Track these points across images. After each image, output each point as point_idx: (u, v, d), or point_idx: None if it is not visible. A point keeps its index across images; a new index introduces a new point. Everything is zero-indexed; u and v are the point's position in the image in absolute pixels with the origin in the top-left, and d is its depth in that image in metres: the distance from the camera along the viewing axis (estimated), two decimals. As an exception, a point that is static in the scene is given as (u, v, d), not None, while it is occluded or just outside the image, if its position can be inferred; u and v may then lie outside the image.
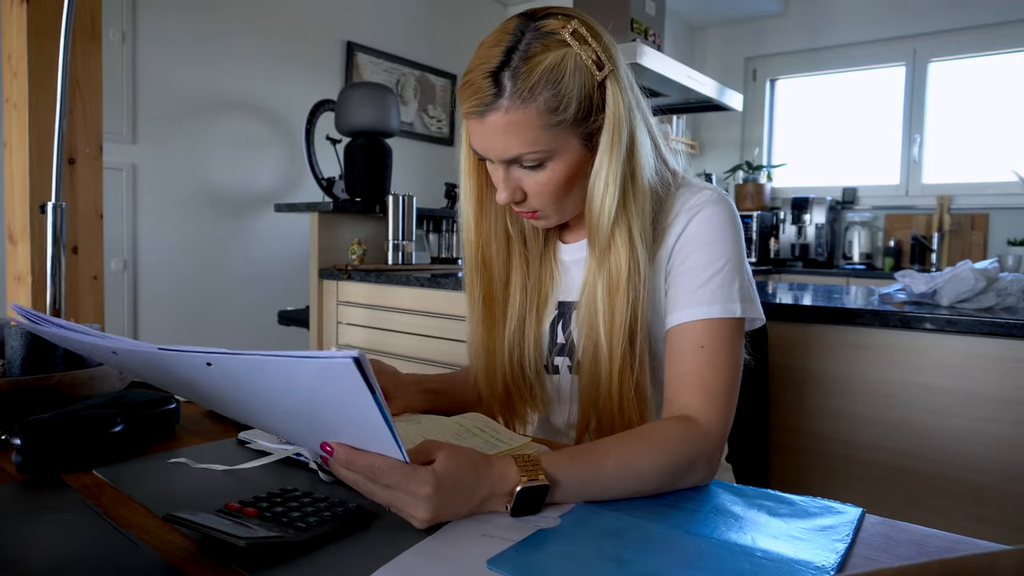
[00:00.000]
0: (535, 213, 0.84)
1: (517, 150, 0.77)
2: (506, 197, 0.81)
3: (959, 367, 1.27)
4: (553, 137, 0.77)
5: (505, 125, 0.76)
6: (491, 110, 0.76)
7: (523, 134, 0.76)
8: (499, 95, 0.75)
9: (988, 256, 3.65)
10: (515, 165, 0.80)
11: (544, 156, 0.78)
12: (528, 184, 0.81)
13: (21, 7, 1.60)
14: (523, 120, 0.75)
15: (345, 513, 0.56)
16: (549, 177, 0.80)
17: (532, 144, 0.77)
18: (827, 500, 0.64)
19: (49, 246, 1.34)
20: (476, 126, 0.79)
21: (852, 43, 4.08)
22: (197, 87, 2.96)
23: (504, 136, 0.77)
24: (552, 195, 0.81)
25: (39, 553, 0.50)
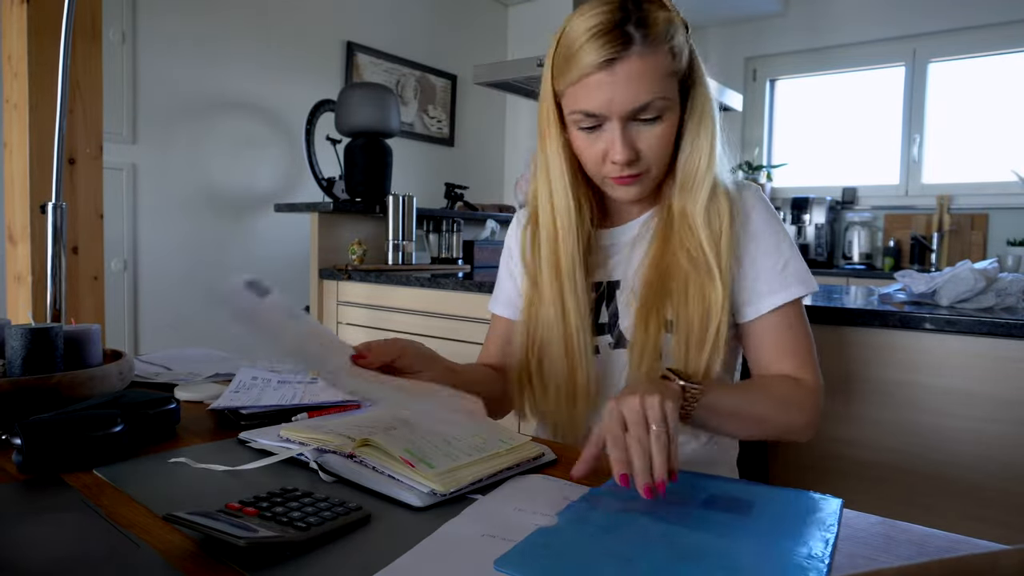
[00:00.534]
0: (637, 176, 0.85)
1: (649, 96, 0.80)
2: (627, 154, 0.82)
3: (959, 367, 1.27)
4: (672, 86, 0.83)
5: (639, 71, 0.79)
6: (624, 58, 0.79)
7: (655, 79, 0.80)
8: (630, 42, 0.78)
9: (988, 256, 3.65)
10: (633, 121, 0.82)
11: (666, 105, 0.82)
12: (645, 141, 0.83)
13: (21, 7, 1.60)
14: (655, 65, 0.80)
15: (345, 513, 0.56)
16: (665, 129, 0.83)
17: (662, 89, 0.81)
18: (806, 491, 0.65)
19: (49, 246, 1.34)
20: (603, 79, 0.80)
21: (852, 43, 4.08)
22: (197, 87, 2.96)
23: (637, 82, 0.79)
24: (666, 149, 0.85)
25: (39, 553, 0.50)
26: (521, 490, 0.65)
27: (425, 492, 0.62)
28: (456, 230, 2.87)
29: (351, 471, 0.67)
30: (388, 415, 0.85)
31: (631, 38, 0.79)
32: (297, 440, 0.74)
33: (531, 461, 0.72)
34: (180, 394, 0.96)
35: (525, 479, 0.69)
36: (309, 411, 0.88)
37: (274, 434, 0.77)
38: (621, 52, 0.78)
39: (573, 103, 0.84)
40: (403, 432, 0.72)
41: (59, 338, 0.88)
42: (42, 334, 0.86)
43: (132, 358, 0.95)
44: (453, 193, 3.48)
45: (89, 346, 0.93)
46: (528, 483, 0.67)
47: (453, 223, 2.87)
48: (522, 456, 0.72)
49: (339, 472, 0.68)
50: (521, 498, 0.63)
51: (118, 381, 0.87)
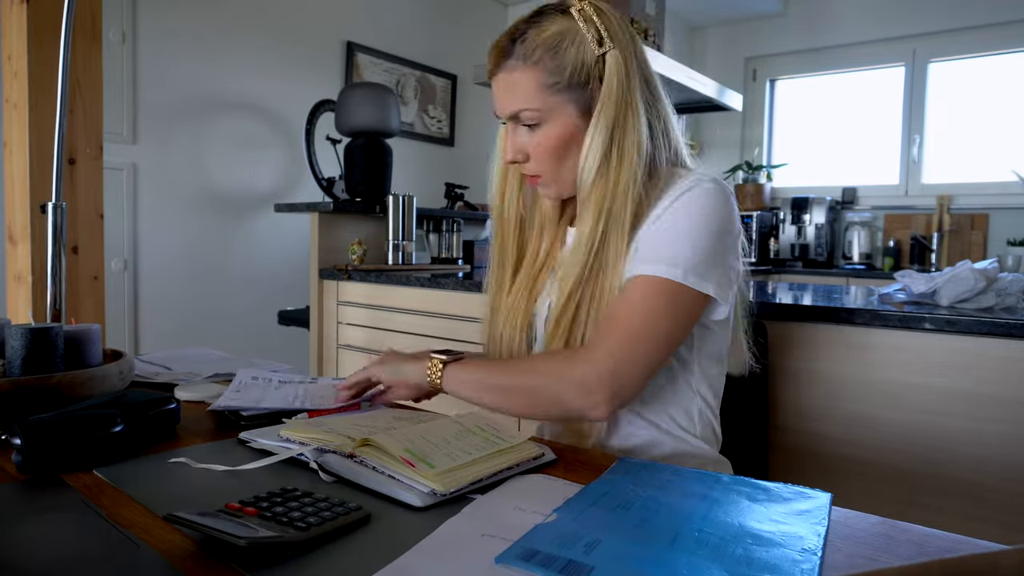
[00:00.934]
0: (536, 178, 0.93)
1: (516, 106, 0.88)
2: (509, 155, 0.92)
3: (959, 367, 1.27)
4: (549, 99, 0.87)
5: (509, 82, 0.88)
6: (500, 69, 0.89)
7: (522, 91, 0.87)
8: (507, 56, 0.88)
9: (988, 256, 3.65)
10: (519, 125, 0.90)
11: (540, 116, 0.88)
12: (529, 145, 0.90)
13: (21, 7, 1.60)
14: (523, 79, 0.87)
15: (345, 513, 0.56)
16: (544, 138, 0.89)
17: (529, 102, 0.87)
18: (797, 486, 0.66)
19: (49, 246, 1.34)
20: (493, 85, 0.91)
21: (852, 43, 4.08)
22: (197, 87, 2.96)
23: (508, 93, 0.88)
24: (547, 157, 0.90)
25: (39, 553, 0.50)
26: (521, 490, 0.65)
27: (425, 492, 0.62)
28: (456, 230, 2.87)
29: (351, 471, 0.67)
30: (388, 415, 0.86)
31: (509, 52, 0.88)
32: (297, 440, 0.74)
33: (531, 461, 0.72)
34: (180, 394, 0.96)
35: (525, 479, 0.69)
36: (309, 412, 0.88)
37: (274, 434, 0.77)
38: (497, 65, 0.89)
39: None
40: (403, 432, 0.72)
41: (59, 338, 0.88)
42: (42, 334, 0.86)
43: (132, 358, 0.95)
44: (453, 193, 3.48)
45: (89, 346, 0.93)
46: (528, 483, 0.67)
47: (453, 223, 2.87)
48: (522, 456, 0.72)
49: (339, 472, 0.68)
50: (521, 498, 0.63)
51: (118, 381, 0.87)
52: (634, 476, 0.69)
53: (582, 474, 0.71)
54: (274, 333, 3.13)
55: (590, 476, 0.70)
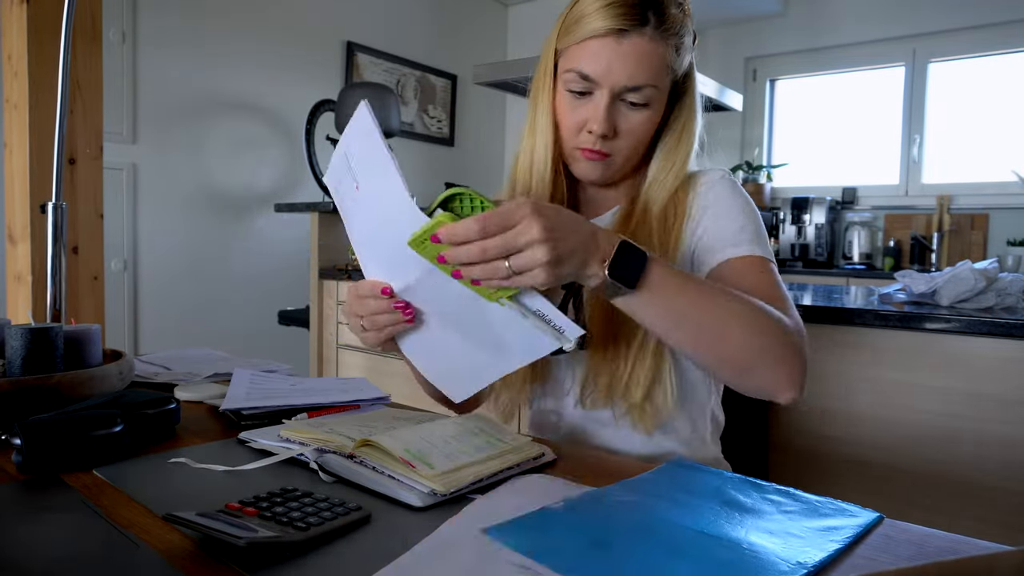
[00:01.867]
0: (606, 156, 0.85)
1: (644, 79, 0.81)
2: (605, 127, 0.82)
3: (959, 367, 1.27)
4: (666, 80, 0.84)
5: (643, 52, 0.80)
6: (635, 33, 0.79)
7: (654, 66, 0.81)
8: (645, 22, 0.79)
9: (988, 256, 3.65)
10: (620, 100, 0.83)
11: (655, 95, 0.83)
12: (625, 123, 0.84)
13: (21, 7, 1.60)
14: (659, 53, 0.81)
15: (345, 513, 0.56)
16: (647, 118, 0.84)
17: (657, 78, 0.82)
18: (846, 503, 0.62)
19: (49, 246, 1.34)
20: (607, 46, 0.80)
21: (852, 43, 4.08)
22: (197, 87, 2.96)
23: (637, 62, 0.80)
24: (639, 138, 0.85)
25: (39, 553, 0.50)
26: (521, 490, 0.65)
27: (425, 492, 0.62)
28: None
29: (351, 471, 0.67)
30: (388, 415, 0.86)
31: (647, 19, 0.79)
32: (297, 440, 0.74)
33: (531, 461, 0.72)
34: (180, 394, 0.96)
35: (525, 479, 0.69)
36: (309, 411, 0.88)
37: (274, 434, 0.77)
38: (634, 27, 0.79)
39: (571, 62, 0.83)
40: (403, 433, 0.73)
41: (59, 338, 0.88)
42: (42, 334, 0.86)
43: (132, 358, 0.95)
44: (453, 193, 3.48)
45: (89, 346, 0.93)
46: (528, 483, 0.67)
47: (453, 223, 2.87)
48: (522, 456, 0.72)
49: (339, 472, 0.68)
50: (521, 498, 0.63)
51: (118, 381, 0.87)
52: (672, 475, 0.69)
53: (582, 474, 0.71)
54: (274, 333, 3.13)
55: (590, 476, 0.70)
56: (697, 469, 0.71)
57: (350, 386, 1.02)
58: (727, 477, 0.69)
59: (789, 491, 0.66)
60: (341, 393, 0.97)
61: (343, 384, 1.04)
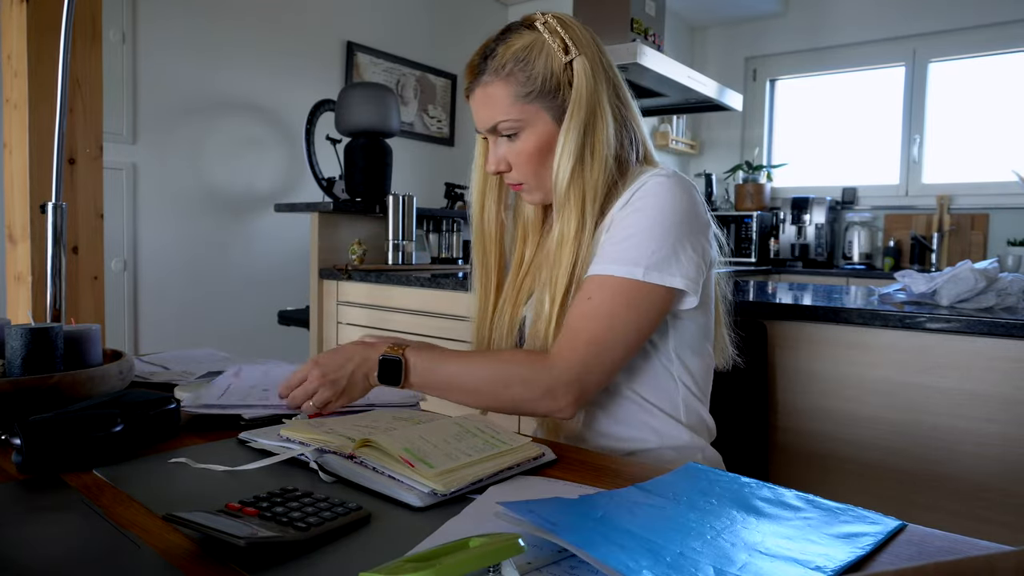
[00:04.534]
0: (520, 186, 0.96)
1: (494, 119, 0.92)
2: (492, 167, 0.95)
3: (959, 367, 1.27)
4: (524, 109, 0.91)
5: (484, 97, 0.92)
6: (475, 85, 0.93)
7: (498, 104, 0.91)
8: (480, 74, 0.92)
9: (988, 256, 3.65)
10: (498, 137, 0.93)
11: (518, 125, 0.91)
12: (509, 154, 0.94)
13: (21, 7, 1.60)
14: (497, 92, 0.91)
15: (345, 513, 0.56)
16: (523, 146, 0.92)
17: (506, 113, 0.91)
18: (868, 511, 0.61)
19: (49, 246, 1.34)
20: (471, 102, 0.95)
21: (852, 43, 4.08)
22: (197, 87, 2.96)
23: (485, 107, 0.93)
24: (528, 164, 0.93)
25: (39, 553, 0.50)
26: (521, 490, 0.65)
27: (425, 492, 0.62)
28: (456, 230, 2.87)
29: (351, 471, 0.67)
30: (388, 415, 0.86)
31: (481, 68, 0.92)
32: (297, 440, 0.74)
33: (531, 461, 0.72)
34: (180, 394, 0.96)
35: (525, 479, 0.69)
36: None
37: (274, 434, 0.77)
38: (471, 83, 0.94)
39: None
40: (403, 432, 0.73)
41: (59, 338, 0.88)
42: (42, 334, 0.86)
43: (132, 358, 0.95)
44: (453, 193, 3.48)
45: (89, 346, 0.93)
46: (528, 483, 0.67)
47: (453, 223, 2.87)
48: (522, 456, 0.72)
49: (339, 472, 0.68)
50: (521, 498, 0.63)
51: (118, 381, 0.87)
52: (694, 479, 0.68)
53: (582, 474, 0.71)
54: (274, 333, 3.13)
55: (590, 476, 0.70)
56: (714, 473, 0.70)
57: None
58: (744, 482, 0.68)
59: (808, 496, 0.65)
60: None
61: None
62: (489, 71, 0.91)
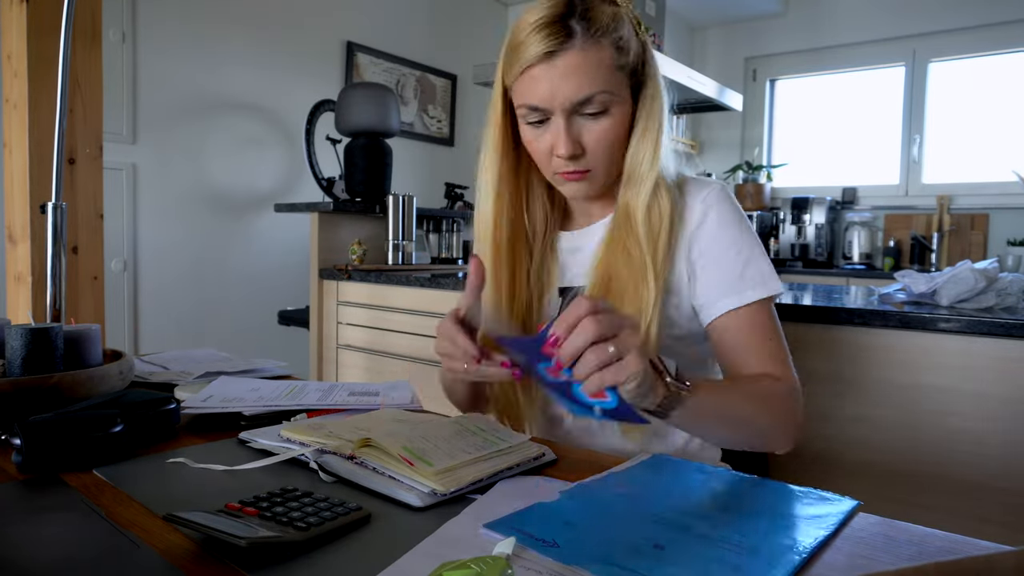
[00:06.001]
0: (585, 173, 0.85)
1: (590, 89, 0.79)
2: (570, 148, 0.82)
3: (959, 367, 1.27)
4: (619, 81, 0.82)
5: (580, 64, 0.79)
6: (565, 50, 0.79)
7: (597, 72, 0.79)
8: (572, 35, 0.79)
9: (988, 256, 3.65)
10: (577, 116, 0.82)
11: (610, 100, 0.81)
12: (590, 136, 0.83)
13: (21, 7, 1.60)
14: (597, 58, 0.79)
15: (345, 513, 0.56)
16: (611, 125, 0.83)
17: (604, 83, 0.80)
18: (825, 492, 0.64)
19: (49, 246, 1.34)
20: (544, 72, 0.80)
21: (852, 43, 4.08)
22: (197, 87, 2.96)
23: (578, 75, 0.79)
24: (611, 146, 0.84)
25: (39, 553, 0.50)
26: (521, 490, 0.65)
27: (425, 492, 0.62)
28: (456, 230, 2.87)
29: (351, 471, 0.67)
30: (388, 416, 0.86)
31: (573, 31, 0.79)
32: (297, 440, 0.74)
33: (531, 461, 0.72)
34: (180, 394, 0.96)
35: (525, 479, 0.69)
36: (308, 412, 0.88)
37: (274, 434, 0.77)
38: (562, 45, 0.79)
39: (520, 97, 0.84)
40: (402, 432, 0.73)
41: (59, 338, 0.88)
42: (42, 334, 0.86)
43: (132, 358, 0.95)
44: (453, 193, 3.48)
45: (89, 346, 0.93)
46: (528, 483, 0.67)
47: (453, 223, 2.87)
48: (522, 456, 0.72)
49: (339, 472, 0.68)
50: (521, 498, 0.63)
51: (118, 381, 0.87)
52: (657, 469, 0.70)
53: (582, 474, 0.71)
54: (274, 333, 3.13)
55: (590, 476, 0.70)
56: (677, 462, 0.72)
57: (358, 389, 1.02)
58: (710, 470, 0.70)
59: (768, 481, 0.67)
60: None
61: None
62: (584, 33, 0.79)
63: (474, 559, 0.44)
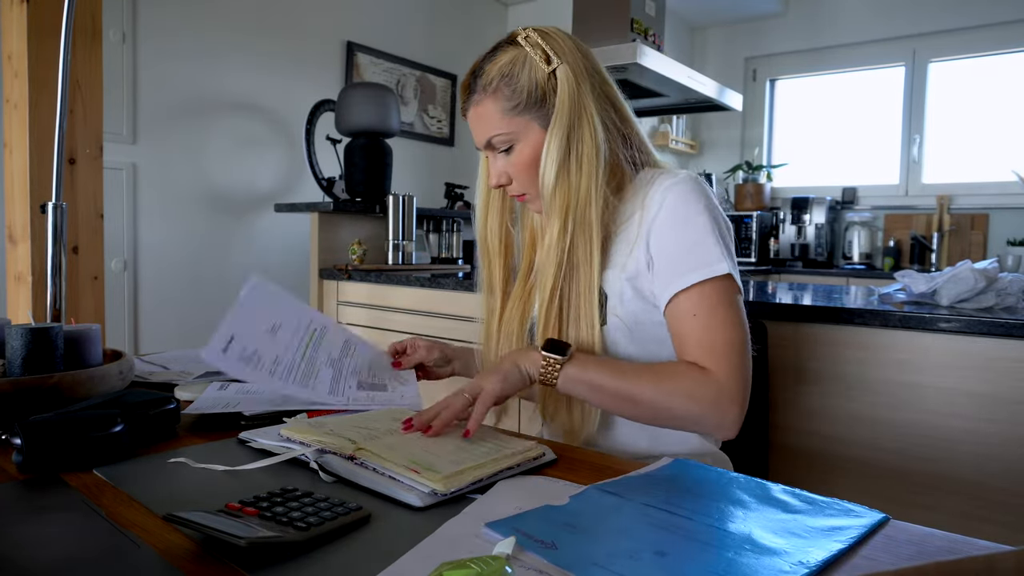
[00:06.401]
0: (523, 196, 0.98)
1: (487, 134, 0.94)
2: (493, 180, 0.97)
3: (959, 367, 1.27)
4: (514, 122, 0.93)
5: (475, 116, 0.95)
6: (468, 105, 0.96)
7: (489, 120, 0.93)
8: (472, 92, 0.95)
9: (988, 256, 3.65)
10: (495, 152, 0.96)
11: (510, 139, 0.93)
12: (507, 167, 0.95)
13: (21, 7, 1.60)
14: (487, 108, 0.93)
15: (345, 513, 0.56)
16: (518, 158, 0.94)
17: (497, 127, 0.93)
18: (853, 504, 0.62)
19: (49, 246, 1.34)
20: (468, 122, 0.98)
21: (852, 43, 4.08)
22: (197, 87, 2.96)
23: (478, 123, 0.95)
24: (524, 174, 0.95)
25: (39, 553, 0.50)
26: (521, 490, 0.65)
27: (425, 492, 0.62)
28: (456, 230, 2.87)
29: (351, 471, 0.67)
30: (388, 416, 0.86)
31: (472, 88, 0.95)
32: (297, 440, 0.74)
33: (531, 461, 0.72)
34: (180, 394, 0.96)
35: (525, 479, 0.69)
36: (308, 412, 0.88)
37: (274, 434, 0.77)
38: (466, 102, 0.96)
39: None
40: (405, 447, 0.73)
41: (59, 338, 0.88)
42: (42, 334, 0.86)
43: (132, 358, 0.95)
44: (453, 193, 3.48)
45: (89, 346, 0.93)
46: (528, 483, 0.67)
47: (453, 223, 2.87)
48: (522, 456, 0.72)
49: (339, 472, 0.68)
50: (521, 498, 0.63)
51: (118, 381, 0.87)
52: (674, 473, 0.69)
53: (582, 474, 0.71)
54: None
55: (591, 476, 0.70)
56: (701, 468, 0.71)
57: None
58: (731, 477, 0.69)
59: (795, 491, 0.65)
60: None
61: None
62: (479, 89, 0.94)
63: (474, 559, 0.44)
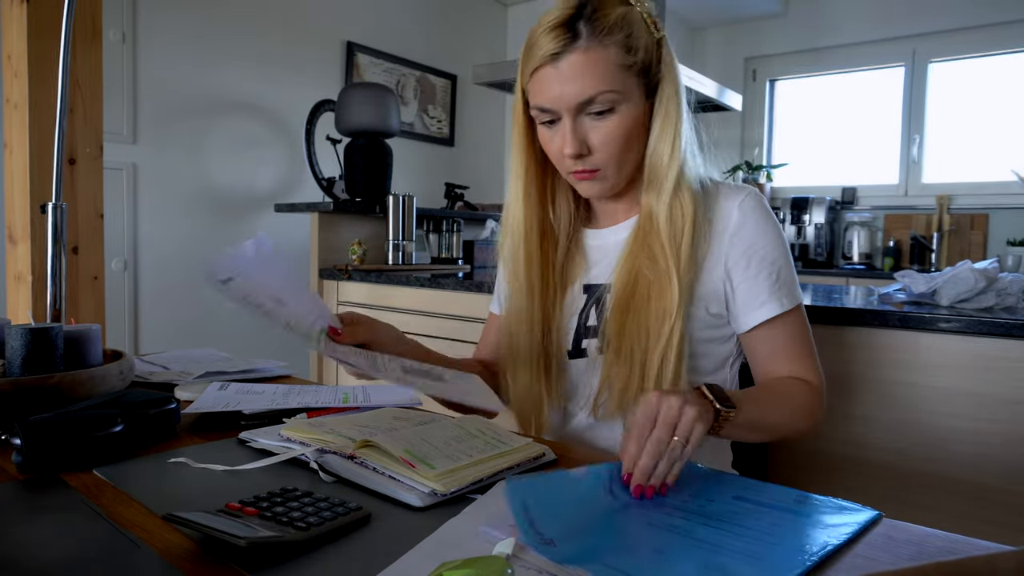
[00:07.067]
0: (594, 172, 0.86)
1: (593, 89, 0.80)
2: (575, 148, 0.83)
3: (959, 367, 1.27)
4: (625, 80, 0.82)
5: (583, 64, 0.80)
6: (568, 51, 0.80)
7: (600, 72, 0.80)
8: (576, 37, 0.80)
9: (988, 256, 3.65)
10: (584, 115, 0.83)
11: (616, 99, 0.82)
12: (596, 135, 0.83)
13: (21, 7, 1.60)
14: (600, 58, 0.80)
15: (345, 513, 0.56)
16: (617, 124, 0.83)
17: (608, 83, 0.81)
18: (846, 501, 0.63)
19: (49, 246, 1.34)
20: (549, 74, 0.82)
21: (852, 43, 4.08)
22: (197, 87, 2.96)
23: (581, 76, 0.80)
24: (618, 145, 0.84)
25: (39, 553, 0.50)
26: (521, 490, 0.65)
27: (425, 492, 0.62)
28: (456, 230, 2.87)
29: (351, 471, 0.67)
30: (388, 415, 0.86)
31: (578, 33, 0.80)
32: (297, 440, 0.74)
33: (531, 461, 0.72)
34: (180, 394, 0.96)
35: (525, 479, 0.69)
36: (308, 411, 0.88)
37: (274, 434, 0.77)
38: (566, 47, 0.80)
39: (532, 98, 0.86)
40: (403, 434, 0.73)
41: (59, 338, 0.88)
42: (42, 334, 0.86)
43: (132, 358, 0.95)
44: (453, 193, 3.48)
45: (89, 346, 0.93)
46: (528, 483, 0.67)
47: (453, 223, 2.87)
48: (522, 456, 0.72)
49: (339, 472, 0.68)
50: (521, 498, 0.63)
51: (118, 381, 0.87)
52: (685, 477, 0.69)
53: (582, 474, 0.71)
54: (274, 333, 3.13)
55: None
56: (696, 469, 0.71)
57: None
58: (727, 477, 0.69)
59: (789, 490, 0.66)
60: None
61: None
62: (590, 34, 0.80)
63: (474, 559, 0.44)
